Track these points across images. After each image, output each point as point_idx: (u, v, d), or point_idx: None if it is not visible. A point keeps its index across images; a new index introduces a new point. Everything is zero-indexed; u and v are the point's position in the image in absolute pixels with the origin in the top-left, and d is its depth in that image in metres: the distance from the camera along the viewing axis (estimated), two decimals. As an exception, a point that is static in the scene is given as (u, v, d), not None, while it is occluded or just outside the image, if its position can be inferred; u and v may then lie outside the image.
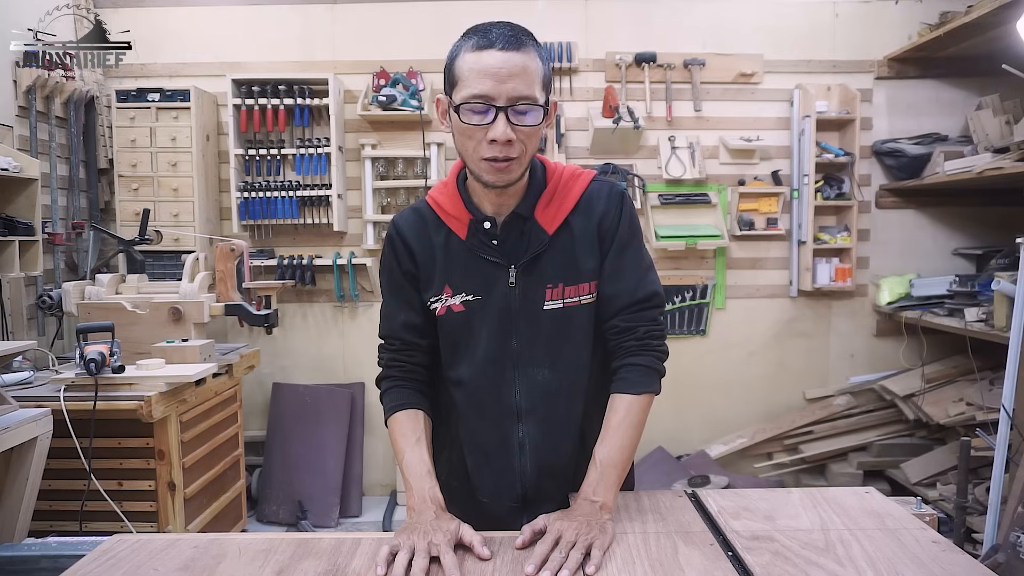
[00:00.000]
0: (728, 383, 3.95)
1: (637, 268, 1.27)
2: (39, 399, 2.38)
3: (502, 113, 1.11)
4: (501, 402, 1.27)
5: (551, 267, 1.24)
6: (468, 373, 1.28)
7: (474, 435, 1.31)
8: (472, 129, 1.13)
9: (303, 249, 3.86)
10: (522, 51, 1.12)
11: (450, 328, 1.28)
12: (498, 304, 1.24)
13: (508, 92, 1.10)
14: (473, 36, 1.14)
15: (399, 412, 1.29)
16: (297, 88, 3.67)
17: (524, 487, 1.29)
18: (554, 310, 1.24)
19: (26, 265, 3.00)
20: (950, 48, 3.61)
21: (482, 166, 1.16)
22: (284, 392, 3.89)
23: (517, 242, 1.24)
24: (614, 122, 3.66)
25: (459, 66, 1.14)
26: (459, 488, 1.32)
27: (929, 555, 1.05)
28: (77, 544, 1.25)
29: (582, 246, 1.25)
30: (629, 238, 1.27)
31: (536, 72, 1.14)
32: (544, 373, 1.27)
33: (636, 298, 1.25)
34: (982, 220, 3.92)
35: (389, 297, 1.33)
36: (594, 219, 1.25)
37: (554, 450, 1.29)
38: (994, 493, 2.54)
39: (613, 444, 1.21)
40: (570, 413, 1.29)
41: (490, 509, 1.30)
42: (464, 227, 1.25)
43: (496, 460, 1.30)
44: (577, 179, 1.28)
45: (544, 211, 1.25)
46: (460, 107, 1.12)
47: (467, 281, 1.25)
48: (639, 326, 1.25)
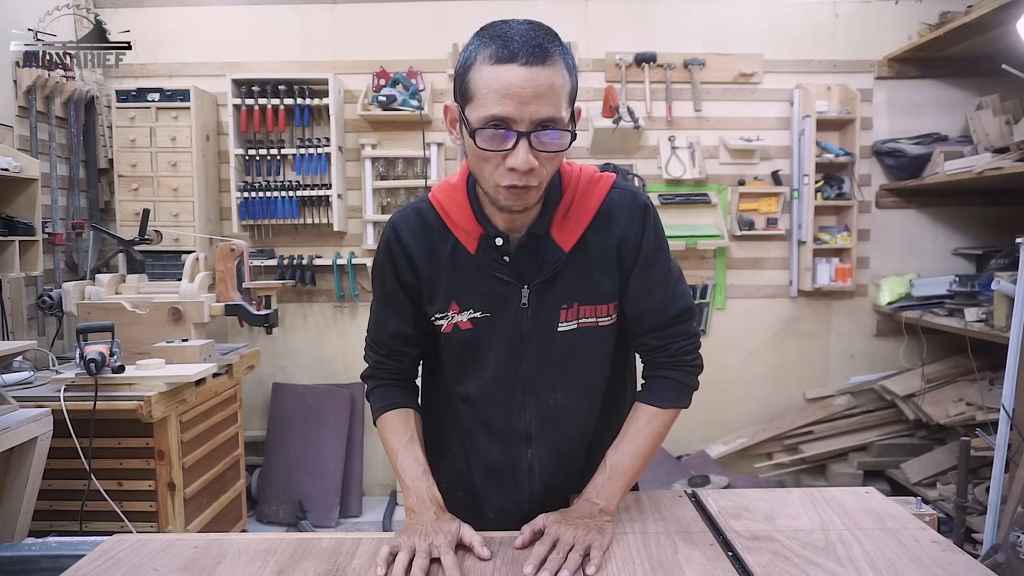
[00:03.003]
0: (728, 383, 3.95)
1: (665, 284, 1.19)
2: (39, 399, 2.38)
3: (524, 139, 0.99)
4: (510, 425, 1.22)
5: (566, 287, 1.16)
6: (476, 392, 1.23)
7: (482, 454, 1.27)
8: (488, 154, 1.02)
9: (303, 249, 3.86)
10: (548, 64, 0.98)
11: (457, 346, 1.22)
12: (509, 324, 1.17)
13: (531, 115, 0.98)
14: (491, 43, 0.99)
15: (389, 411, 1.27)
16: (297, 88, 3.67)
17: (531, 507, 1.25)
18: (568, 332, 1.18)
19: (26, 265, 2.99)
20: (950, 48, 3.61)
21: (500, 192, 1.05)
22: (284, 392, 3.89)
23: (531, 260, 1.15)
24: (614, 122, 3.66)
25: (474, 79, 1.01)
26: (465, 499, 1.28)
27: (929, 555, 1.05)
28: (77, 544, 1.24)
29: (600, 265, 1.16)
30: (655, 253, 1.18)
31: (563, 88, 1.01)
32: (556, 397, 1.21)
33: (667, 316, 1.19)
34: (982, 220, 3.92)
35: (381, 303, 1.26)
36: (613, 236, 1.16)
37: (563, 472, 1.26)
38: (994, 493, 2.54)
39: (627, 451, 1.18)
40: (581, 435, 1.25)
41: (496, 524, 1.26)
42: (474, 241, 1.16)
43: (504, 480, 1.27)
44: (595, 187, 1.17)
45: (561, 227, 1.15)
46: (476, 131, 1.00)
47: (476, 298, 1.17)
48: (671, 343, 1.20)
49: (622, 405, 1.29)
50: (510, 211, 1.09)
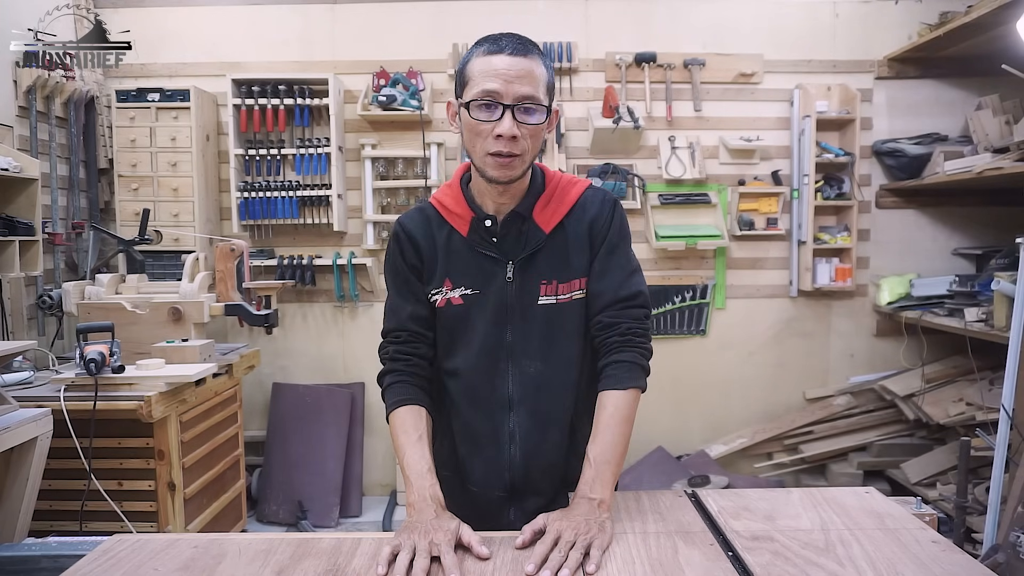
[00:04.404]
0: (728, 383, 3.95)
1: (623, 269, 1.33)
2: (39, 399, 2.38)
3: (509, 111, 1.19)
4: (494, 392, 1.33)
5: (546, 264, 1.30)
6: (463, 364, 1.34)
7: (467, 425, 1.36)
8: (480, 125, 1.20)
9: (303, 249, 3.86)
10: (529, 57, 1.21)
11: (448, 320, 1.34)
12: (495, 298, 1.30)
13: (515, 92, 1.19)
14: (484, 43, 1.23)
15: (401, 408, 1.31)
16: (297, 88, 3.67)
17: (512, 477, 1.34)
18: (547, 305, 1.31)
19: (26, 265, 3.00)
20: (950, 48, 3.61)
21: (487, 161, 1.22)
22: (284, 392, 3.89)
23: (515, 240, 1.31)
24: (614, 122, 3.66)
25: (470, 69, 1.23)
26: (450, 478, 1.34)
27: (929, 555, 1.05)
28: (77, 544, 1.25)
29: (574, 245, 1.32)
30: (618, 241, 1.33)
31: (541, 77, 1.22)
32: (536, 365, 1.32)
33: (620, 296, 1.31)
34: (982, 220, 3.92)
35: (395, 291, 1.38)
36: (586, 219, 1.32)
37: (543, 441, 1.33)
38: (994, 493, 2.54)
39: (605, 440, 1.23)
40: (560, 406, 1.34)
41: (478, 498, 1.35)
42: (466, 224, 1.32)
43: (487, 449, 1.35)
44: (574, 186, 1.36)
45: (542, 212, 1.32)
46: (470, 104, 1.20)
47: (466, 275, 1.31)
48: (622, 322, 1.30)
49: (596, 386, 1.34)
50: (498, 182, 1.24)
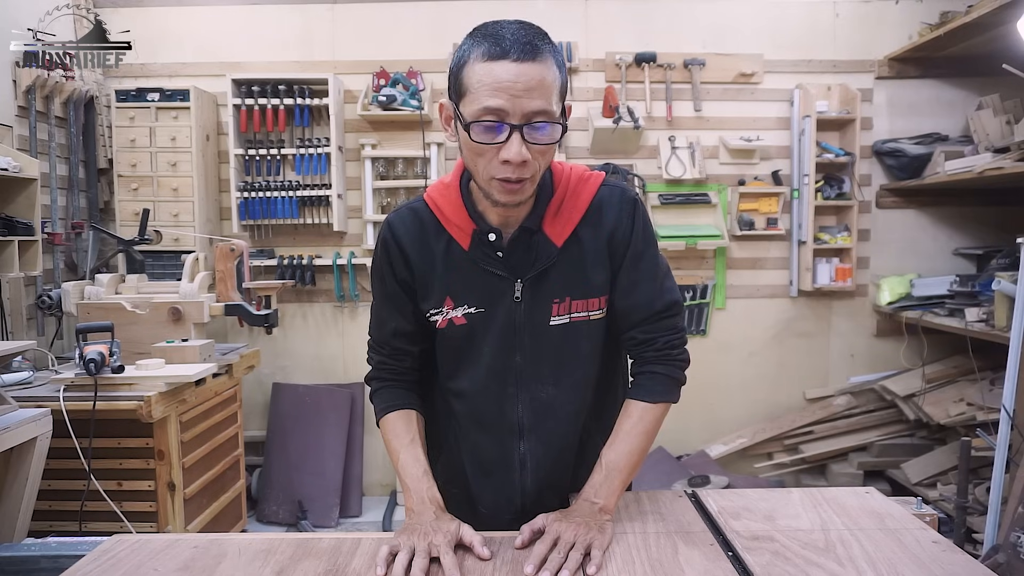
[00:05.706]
0: (728, 383, 3.94)
1: (653, 278, 1.21)
2: (39, 399, 2.38)
3: (516, 132, 1.02)
4: (503, 418, 1.24)
5: (559, 281, 1.18)
6: (469, 386, 1.24)
7: (475, 449, 1.28)
8: (482, 147, 1.05)
9: (303, 249, 3.86)
10: (538, 60, 1.02)
11: (451, 341, 1.24)
12: (502, 318, 1.19)
13: (523, 108, 1.01)
14: (483, 41, 1.03)
15: (391, 412, 1.27)
16: (297, 88, 3.67)
17: (523, 502, 1.27)
18: (560, 325, 1.20)
19: (26, 265, 2.99)
20: (950, 48, 3.61)
21: (493, 185, 1.08)
22: (284, 392, 3.89)
23: (524, 255, 1.17)
24: (614, 122, 3.65)
25: (468, 75, 1.04)
26: (458, 495, 1.29)
27: (929, 555, 1.05)
28: (77, 544, 1.24)
29: (592, 259, 1.19)
30: (643, 248, 1.21)
31: (553, 83, 1.04)
32: (548, 390, 1.22)
33: (654, 310, 1.21)
34: (982, 220, 3.92)
35: (380, 302, 1.28)
36: (604, 231, 1.19)
37: (555, 466, 1.26)
38: (994, 493, 2.54)
39: (622, 449, 1.19)
40: (573, 428, 1.26)
41: (488, 521, 1.27)
42: (467, 237, 1.18)
43: (496, 475, 1.27)
44: (586, 184, 1.21)
45: (553, 222, 1.18)
46: (470, 124, 1.03)
47: (470, 294, 1.19)
48: (658, 337, 1.21)
49: (614, 402, 1.29)
50: (504, 205, 1.11)
